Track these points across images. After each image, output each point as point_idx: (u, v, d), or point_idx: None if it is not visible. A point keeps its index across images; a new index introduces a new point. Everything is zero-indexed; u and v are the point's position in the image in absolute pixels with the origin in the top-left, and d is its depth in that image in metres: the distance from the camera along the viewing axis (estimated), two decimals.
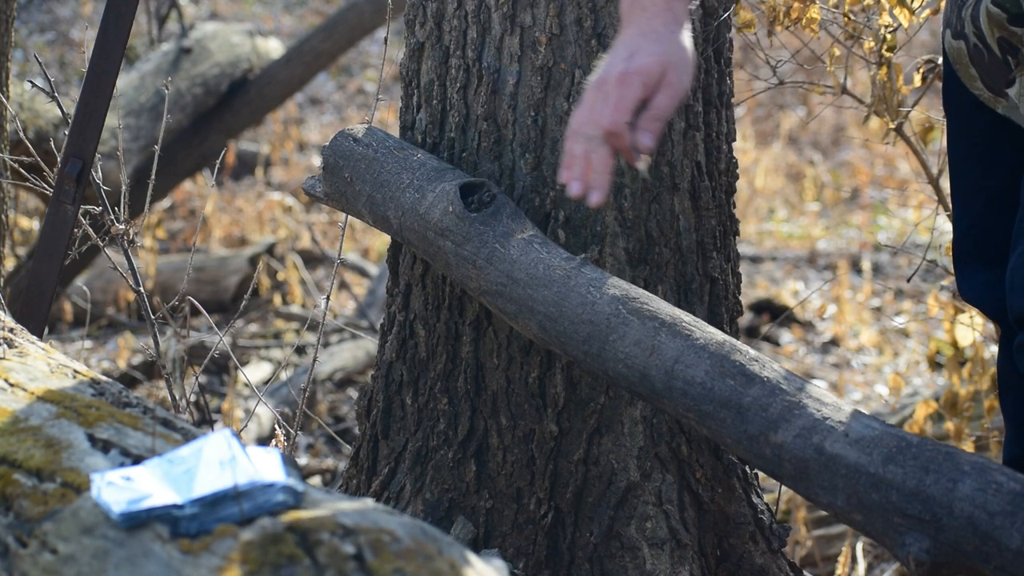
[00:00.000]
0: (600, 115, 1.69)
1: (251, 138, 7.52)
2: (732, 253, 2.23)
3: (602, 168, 1.71)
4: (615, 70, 1.69)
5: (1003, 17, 1.76)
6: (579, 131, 1.72)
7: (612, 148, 1.71)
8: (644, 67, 1.68)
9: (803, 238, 6.35)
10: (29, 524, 1.36)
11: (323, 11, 9.48)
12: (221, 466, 1.30)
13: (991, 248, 1.94)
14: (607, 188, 1.72)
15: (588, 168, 1.71)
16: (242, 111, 5.13)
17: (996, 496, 1.49)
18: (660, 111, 1.69)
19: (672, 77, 1.69)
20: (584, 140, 1.71)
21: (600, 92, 1.70)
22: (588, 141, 1.71)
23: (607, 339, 1.79)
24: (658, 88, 1.68)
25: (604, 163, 1.71)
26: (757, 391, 1.67)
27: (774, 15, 2.33)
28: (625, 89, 1.68)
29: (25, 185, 2.54)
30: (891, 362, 4.88)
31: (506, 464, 2.15)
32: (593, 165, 1.71)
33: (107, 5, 2.36)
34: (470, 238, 1.95)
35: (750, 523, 2.19)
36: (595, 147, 1.70)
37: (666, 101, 1.69)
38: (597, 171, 1.71)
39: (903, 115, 2.51)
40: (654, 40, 1.69)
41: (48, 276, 2.41)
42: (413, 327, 2.22)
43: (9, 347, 1.78)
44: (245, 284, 5.33)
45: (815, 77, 4.53)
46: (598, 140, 1.70)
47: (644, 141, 1.69)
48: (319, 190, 2.22)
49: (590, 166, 1.71)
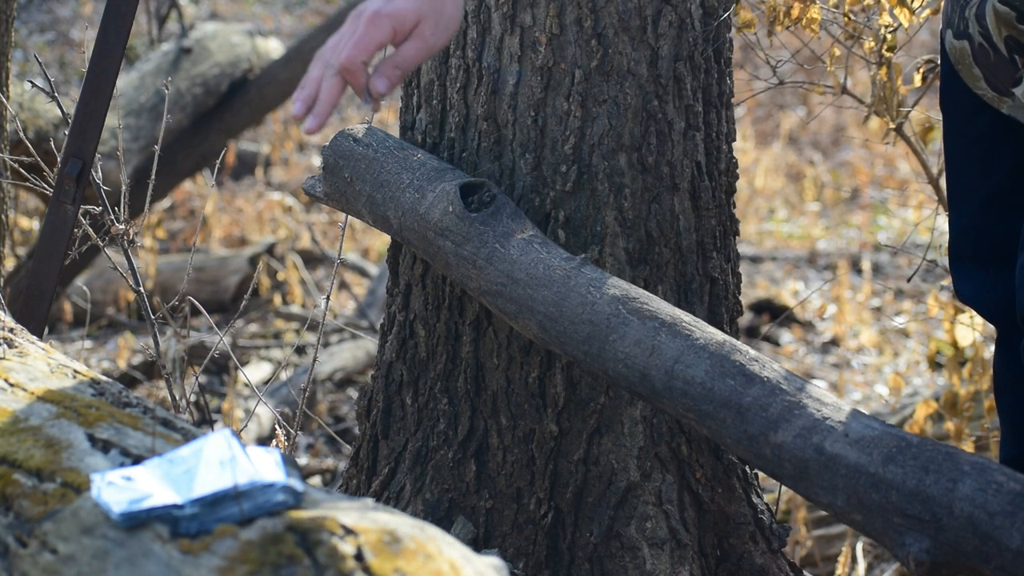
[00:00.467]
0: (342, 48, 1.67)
1: (251, 138, 7.52)
2: (732, 253, 2.23)
3: (327, 98, 1.67)
4: (371, 6, 1.67)
5: (1011, 16, 1.76)
6: (324, 56, 1.70)
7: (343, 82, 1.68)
8: (398, 11, 1.66)
9: (803, 238, 6.35)
10: (29, 524, 1.36)
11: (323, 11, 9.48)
12: (221, 466, 1.30)
13: (988, 248, 1.94)
14: (324, 118, 1.68)
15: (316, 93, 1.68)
16: (242, 111, 5.13)
17: (996, 496, 1.49)
18: (403, 60, 1.67)
19: (425, 29, 1.67)
20: (323, 65, 1.69)
21: (352, 25, 1.68)
22: (326, 68, 1.68)
23: (607, 339, 1.79)
24: (408, 37, 1.67)
25: (329, 93, 1.67)
26: (757, 391, 1.67)
27: (774, 15, 2.33)
28: (372, 28, 1.65)
29: (25, 185, 2.54)
30: (891, 362, 4.88)
31: (506, 464, 2.15)
32: (320, 94, 1.68)
33: (107, 5, 2.36)
34: (470, 238, 1.95)
35: (750, 523, 2.19)
36: (328, 75, 1.67)
37: (411, 52, 1.67)
38: (321, 100, 1.68)
39: (903, 115, 2.51)
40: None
41: (48, 276, 2.40)
42: (413, 327, 2.22)
43: (9, 347, 1.78)
44: (245, 284, 5.33)
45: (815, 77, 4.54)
46: (333, 69, 1.67)
47: (377, 85, 1.67)
48: (319, 190, 2.23)
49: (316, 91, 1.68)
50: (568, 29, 2.06)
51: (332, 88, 1.67)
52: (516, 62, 2.09)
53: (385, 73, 1.67)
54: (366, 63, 1.66)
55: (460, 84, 2.14)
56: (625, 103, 2.08)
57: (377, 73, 1.67)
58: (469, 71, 2.13)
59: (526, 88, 2.09)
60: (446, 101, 2.16)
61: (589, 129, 2.08)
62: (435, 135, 2.18)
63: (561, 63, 2.07)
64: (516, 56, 2.09)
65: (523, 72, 2.09)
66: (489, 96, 2.11)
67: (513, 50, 2.09)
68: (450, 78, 2.15)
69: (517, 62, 2.09)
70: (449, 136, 2.16)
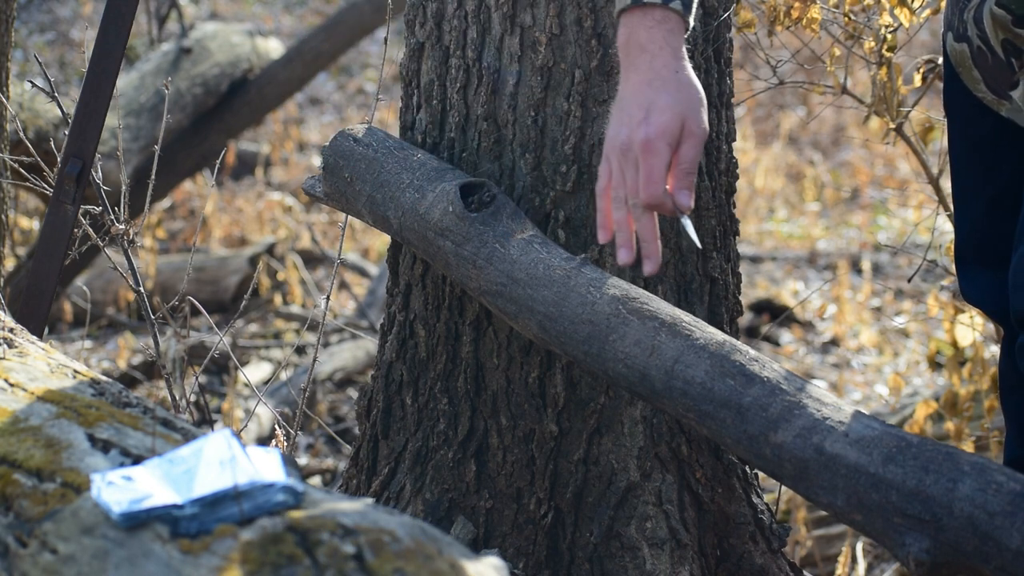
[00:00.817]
0: (634, 186, 1.67)
1: (251, 138, 7.52)
2: (732, 253, 2.23)
3: (650, 237, 1.69)
4: (638, 136, 1.66)
5: (1007, 19, 1.76)
6: (615, 196, 1.70)
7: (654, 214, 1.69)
8: (665, 127, 1.65)
9: (803, 238, 6.35)
10: (29, 524, 1.36)
11: (323, 11, 9.49)
12: (221, 466, 1.30)
13: (993, 250, 1.93)
14: (658, 253, 1.70)
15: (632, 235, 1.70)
16: (242, 111, 5.13)
17: (996, 496, 1.49)
18: (689, 164, 1.67)
19: (692, 126, 1.66)
20: (622, 206, 1.69)
21: (627, 158, 1.67)
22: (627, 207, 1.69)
23: (607, 339, 1.79)
24: (681, 140, 1.66)
25: (651, 231, 1.69)
26: (757, 391, 1.67)
27: (774, 15, 2.33)
28: (653, 158, 1.65)
29: (25, 185, 2.54)
30: (891, 362, 4.88)
31: (506, 464, 2.15)
32: (640, 234, 1.69)
33: (107, 5, 2.36)
34: (470, 238, 1.95)
35: (750, 523, 2.19)
36: (638, 215, 1.68)
37: (692, 152, 1.67)
38: (646, 240, 1.69)
39: (903, 115, 2.51)
40: (662, 89, 1.66)
41: (48, 276, 2.40)
42: (413, 327, 2.22)
43: (9, 347, 1.78)
44: (245, 284, 5.33)
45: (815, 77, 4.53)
46: (639, 209, 1.68)
47: (682, 201, 1.68)
48: (319, 190, 2.22)
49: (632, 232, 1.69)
50: (568, 29, 2.06)
51: (649, 226, 1.69)
52: (516, 62, 2.09)
53: (683, 186, 1.67)
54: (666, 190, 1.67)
55: (460, 84, 2.13)
56: None
57: (677, 189, 1.67)
58: (469, 71, 2.13)
59: (526, 88, 2.09)
60: (446, 101, 2.16)
61: (589, 129, 2.08)
62: (435, 135, 2.18)
63: (561, 63, 2.07)
64: (516, 56, 2.09)
65: (523, 72, 2.09)
66: (489, 96, 2.11)
67: (513, 50, 2.09)
68: (450, 78, 2.15)
69: (517, 62, 2.09)
70: (449, 136, 2.16)
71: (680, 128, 1.66)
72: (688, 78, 1.68)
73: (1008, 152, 1.90)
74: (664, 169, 1.66)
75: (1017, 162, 1.89)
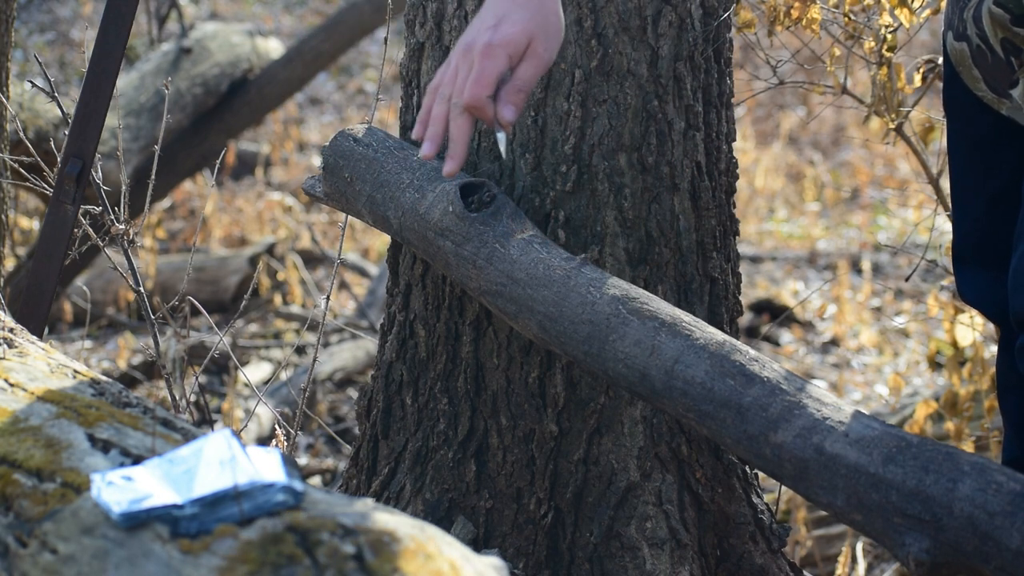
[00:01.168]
0: (462, 85, 1.67)
1: (251, 138, 7.52)
2: (732, 253, 2.23)
3: (460, 138, 1.69)
4: (481, 39, 1.67)
5: (1006, 18, 1.76)
6: (441, 91, 1.70)
7: (472, 118, 1.69)
8: (509, 38, 1.66)
9: (803, 238, 6.35)
10: (29, 524, 1.36)
11: (323, 11, 9.49)
12: (221, 466, 1.30)
13: (992, 250, 1.93)
14: (462, 158, 1.70)
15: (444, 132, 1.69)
16: (242, 111, 5.13)
17: (996, 496, 1.49)
18: (523, 82, 1.67)
19: (538, 47, 1.67)
20: (444, 102, 1.69)
21: (465, 59, 1.68)
22: (448, 105, 1.68)
23: (607, 339, 1.79)
24: (523, 58, 1.67)
25: (462, 132, 1.68)
26: (757, 391, 1.67)
27: (774, 15, 2.33)
28: (488, 61, 1.66)
29: (25, 185, 2.54)
30: (891, 362, 4.88)
31: (506, 464, 2.15)
32: (451, 133, 1.69)
33: (107, 5, 2.36)
34: (470, 238, 1.95)
35: (750, 523, 2.19)
36: (455, 115, 1.68)
37: (530, 72, 1.67)
38: (454, 140, 1.69)
39: (903, 115, 2.51)
40: (523, 6, 1.67)
41: (48, 276, 2.40)
42: (413, 327, 2.22)
43: (9, 347, 1.78)
44: (245, 284, 5.33)
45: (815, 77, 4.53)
46: (458, 108, 1.68)
47: (505, 114, 1.67)
48: (319, 190, 2.22)
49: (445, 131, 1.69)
50: (568, 29, 2.06)
51: (463, 127, 1.68)
52: None
53: (510, 100, 1.67)
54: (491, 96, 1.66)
55: None
56: (625, 103, 2.08)
57: (502, 102, 1.67)
58: None
59: None
60: None
61: (589, 129, 2.08)
62: None
63: (561, 63, 2.07)
64: None
65: None
66: None
67: None
68: None
69: None
70: None
71: (526, 45, 1.66)
72: (553, 5, 1.69)
73: (1008, 151, 1.90)
74: (495, 75, 1.66)
75: (1017, 161, 1.89)
